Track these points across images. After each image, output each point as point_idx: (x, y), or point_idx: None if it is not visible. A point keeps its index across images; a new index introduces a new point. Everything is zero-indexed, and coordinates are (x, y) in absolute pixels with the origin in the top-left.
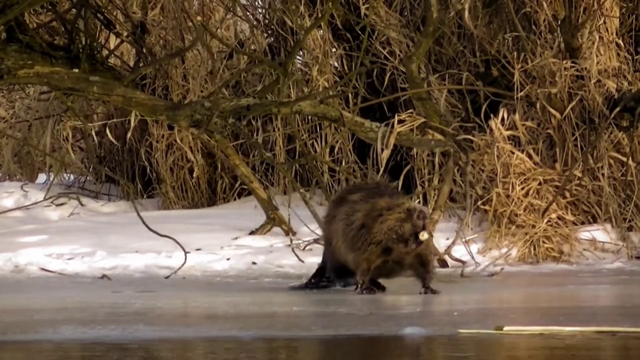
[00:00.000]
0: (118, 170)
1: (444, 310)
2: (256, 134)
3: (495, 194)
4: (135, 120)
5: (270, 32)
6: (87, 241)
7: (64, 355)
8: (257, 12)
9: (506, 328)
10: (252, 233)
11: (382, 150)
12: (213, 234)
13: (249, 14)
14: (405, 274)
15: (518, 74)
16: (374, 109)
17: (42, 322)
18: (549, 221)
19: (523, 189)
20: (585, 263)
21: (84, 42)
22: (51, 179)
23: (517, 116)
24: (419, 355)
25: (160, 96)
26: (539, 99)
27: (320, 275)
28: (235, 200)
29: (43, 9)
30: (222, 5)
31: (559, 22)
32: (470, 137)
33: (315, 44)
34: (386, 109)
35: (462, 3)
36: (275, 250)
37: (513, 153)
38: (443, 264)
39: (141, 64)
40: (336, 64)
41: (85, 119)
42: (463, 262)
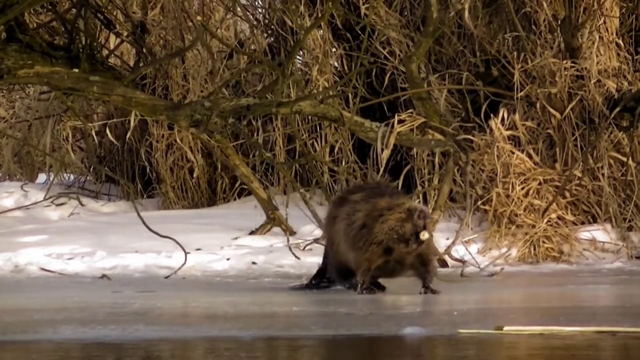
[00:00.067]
0: (118, 170)
1: (444, 310)
2: (256, 133)
3: (495, 193)
4: (135, 120)
5: (270, 32)
6: (87, 241)
7: (64, 355)
8: (257, 12)
9: (506, 328)
10: (252, 233)
11: (382, 150)
12: (213, 234)
13: (249, 13)
14: (407, 273)
15: (518, 74)
16: (374, 109)
17: (42, 322)
18: (549, 221)
19: (523, 189)
20: (585, 263)
21: (84, 42)
22: (51, 178)
23: (517, 116)
24: (419, 355)
25: (160, 96)
26: (539, 99)
27: (320, 277)
28: (235, 200)
29: (43, 8)
30: (222, 5)
31: (559, 22)
32: (470, 137)
33: (315, 43)
34: (386, 109)
35: (462, 3)
36: (275, 250)
37: (513, 153)
38: (443, 264)
39: (141, 64)
40: (336, 64)
41: (85, 118)
42: (463, 262)
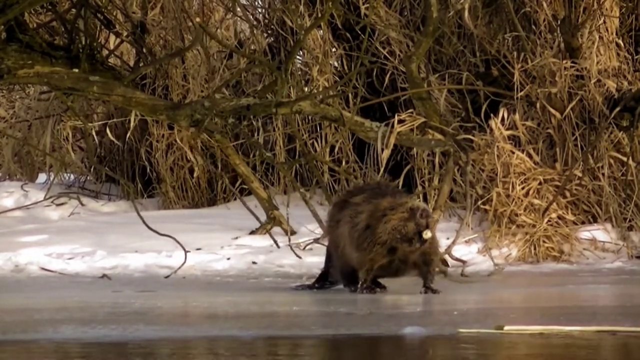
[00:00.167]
0: (118, 170)
1: (444, 310)
2: (257, 133)
3: (495, 193)
4: (135, 120)
5: (270, 32)
6: (87, 241)
7: (64, 355)
8: (257, 12)
9: (506, 328)
10: (252, 233)
11: (382, 150)
12: (213, 233)
13: (248, 13)
14: (411, 272)
15: (518, 74)
16: (374, 108)
17: (42, 322)
18: (549, 221)
19: (523, 188)
20: (585, 263)
21: (84, 42)
22: (51, 178)
23: (517, 116)
24: (419, 355)
25: (160, 96)
26: (539, 99)
27: (323, 280)
28: (235, 200)
29: (43, 8)
30: (222, 5)
31: (559, 22)
32: (470, 137)
33: (315, 43)
34: (386, 108)
35: (462, 3)
36: (275, 250)
37: (513, 153)
38: (443, 263)
39: (141, 64)
40: (336, 64)
41: (85, 118)
42: (463, 262)
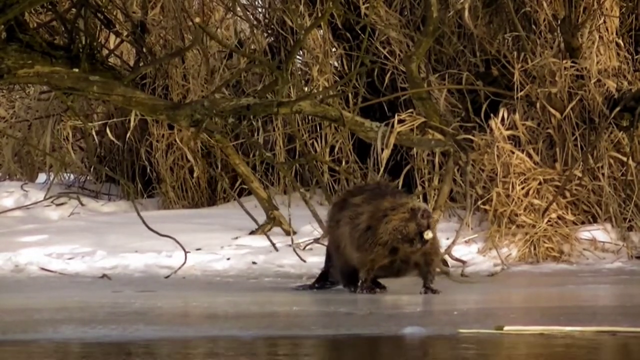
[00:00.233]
0: (118, 169)
1: (444, 310)
2: (257, 133)
3: (495, 193)
4: (135, 120)
5: (270, 32)
6: (87, 241)
7: (64, 354)
8: (257, 12)
9: (506, 328)
10: (252, 233)
11: (382, 150)
12: (213, 233)
13: (249, 13)
14: (412, 272)
15: (518, 74)
16: (374, 108)
17: (43, 322)
18: (549, 221)
19: (523, 188)
20: (585, 263)
21: (84, 42)
22: (51, 178)
23: (517, 116)
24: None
25: (160, 96)
26: (539, 99)
27: (323, 280)
28: (235, 200)
29: (43, 8)
30: (222, 5)
31: (559, 22)
32: (470, 137)
33: (315, 43)
34: (386, 108)
35: (462, 3)
36: (275, 250)
37: (513, 153)
38: (443, 263)
39: (141, 64)
40: (336, 64)
41: (85, 118)
42: (463, 262)
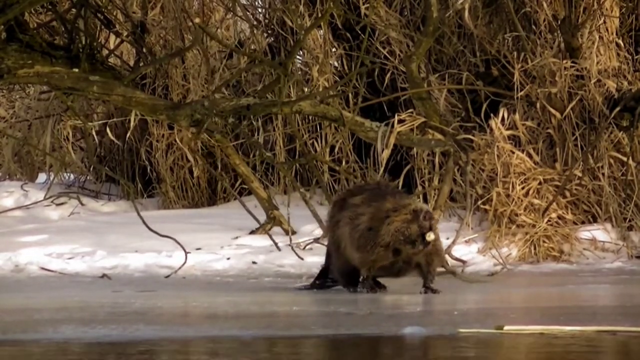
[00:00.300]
0: (118, 169)
1: (444, 310)
2: (257, 133)
3: (495, 193)
4: (135, 120)
5: (270, 32)
6: (87, 241)
7: (64, 354)
8: (257, 12)
9: (506, 327)
10: (252, 232)
11: (382, 150)
12: (213, 233)
13: (249, 13)
14: (413, 272)
15: (518, 74)
16: (374, 108)
17: (43, 322)
18: (549, 221)
19: (523, 188)
20: (585, 262)
21: (84, 42)
22: (51, 178)
23: (517, 116)
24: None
25: (160, 96)
26: (539, 99)
27: (324, 277)
28: (235, 199)
29: (43, 8)
30: (222, 5)
31: (559, 22)
32: (470, 137)
33: (315, 43)
34: (386, 108)
35: (462, 3)
36: (275, 250)
37: (513, 153)
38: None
39: (141, 64)
40: (336, 64)
41: (85, 118)
42: (463, 262)
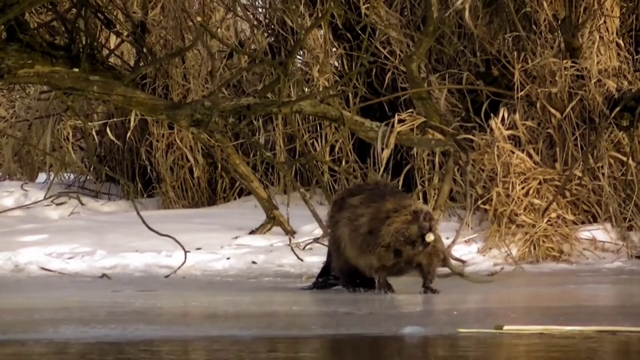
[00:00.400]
0: (118, 169)
1: (444, 310)
2: (258, 133)
3: (495, 193)
4: (135, 120)
5: (270, 32)
6: (87, 240)
7: (64, 354)
8: (258, 12)
9: (506, 327)
10: (252, 232)
11: (382, 149)
12: (213, 233)
13: (249, 13)
14: (414, 272)
15: (518, 74)
16: (374, 108)
17: (43, 322)
18: (549, 220)
19: (523, 188)
20: (585, 262)
21: (84, 42)
22: (51, 178)
23: (518, 116)
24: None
25: (160, 96)
26: (539, 99)
27: (326, 274)
28: (235, 199)
29: (43, 8)
30: (223, 5)
31: (559, 22)
32: (470, 137)
33: (316, 43)
34: (386, 108)
35: (463, 3)
36: (275, 250)
37: (513, 152)
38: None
39: (141, 64)
40: (336, 64)
41: (85, 118)
42: (463, 262)
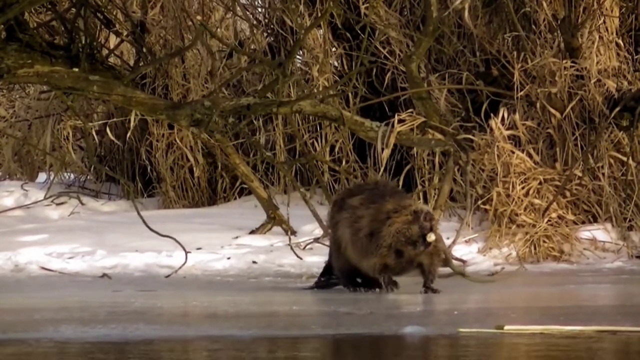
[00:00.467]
0: (118, 169)
1: (444, 310)
2: (258, 133)
3: (495, 193)
4: (135, 120)
5: (270, 32)
6: (88, 240)
7: (64, 354)
8: (257, 12)
9: (507, 327)
10: (253, 232)
11: (382, 149)
12: (213, 233)
13: (248, 13)
14: (414, 271)
15: (518, 74)
16: (374, 108)
17: (43, 321)
18: (549, 220)
19: (523, 188)
20: (585, 262)
21: (83, 42)
22: (51, 178)
23: (517, 116)
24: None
25: (160, 95)
26: (539, 99)
27: (329, 273)
28: (235, 199)
29: (43, 8)
30: (222, 5)
31: (559, 22)
32: (470, 137)
33: (315, 43)
34: (386, 108)
35: (462, 2)
36: (275, 250)
37: (513, 152)
38: (444, 263)
39: (141, 64)
40: (336, 64)
41: (85, 118)
42: (464, 262)
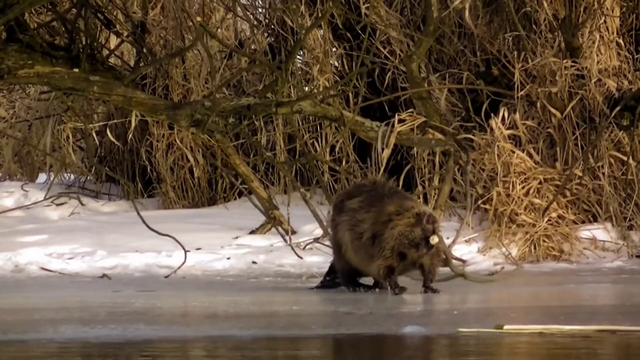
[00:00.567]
0: (118, 169)
1: (444, 309)
2: (259, 133)
3: (495, 193)
4: (135, 120)
5: (270, 32)
6: (88, 240)
7: (64, 354)
8: (258, 12)
9: (506, 327)
10: (253, 232)
11: (383, 149)
12: (213, 233)
13: (249, 13)
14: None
15: (518, 73)
16: (374, 108)
17: (43, 322)
18: (549, 220)
19: (523, 188)
20: (585, 262)
21: (84, 42)
22: (51, 178)
23: (518, 115)
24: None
25: (160, 96)
26: (540, 98)
27: (333, 273)
28: (235, 199)
29: (43, 8)
30: (223, 5)
31: (559, 22)
32: (470, 137)
33: (316, 43)
34: (387, 108)
35: (462, 2)
36: (275, 250)
37: (513, 152)
38: (444, 263)
39: (141, 64)
40: (336, 64)
41: (85, 118)
42: (464, 261)
